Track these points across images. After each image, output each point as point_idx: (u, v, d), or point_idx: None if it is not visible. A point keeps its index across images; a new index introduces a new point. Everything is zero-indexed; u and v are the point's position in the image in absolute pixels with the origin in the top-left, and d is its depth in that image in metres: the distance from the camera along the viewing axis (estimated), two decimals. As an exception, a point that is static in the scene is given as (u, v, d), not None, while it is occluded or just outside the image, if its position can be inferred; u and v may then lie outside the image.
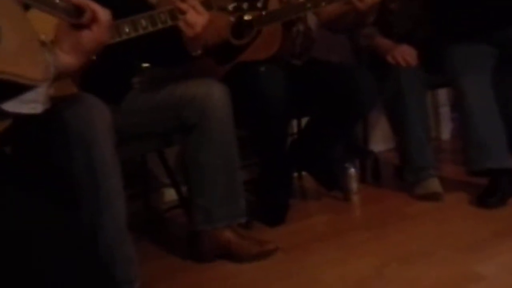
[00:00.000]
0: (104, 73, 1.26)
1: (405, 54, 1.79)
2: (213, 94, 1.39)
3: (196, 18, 1.27)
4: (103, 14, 0.93)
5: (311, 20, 1.90)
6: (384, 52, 1.85)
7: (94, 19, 0.93)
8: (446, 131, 2.67)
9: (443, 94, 2.61)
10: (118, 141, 1.14)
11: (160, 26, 1.26)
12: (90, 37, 0.93)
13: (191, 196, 1.47)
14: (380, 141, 2.44)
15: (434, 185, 1.76)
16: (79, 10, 0.92)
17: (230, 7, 1.34)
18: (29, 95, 0.80)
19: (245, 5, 1.34)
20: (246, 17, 1.38)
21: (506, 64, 1.76)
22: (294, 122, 2.06)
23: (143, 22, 1.24)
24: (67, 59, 0.93)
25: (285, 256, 1.43)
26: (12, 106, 0.79)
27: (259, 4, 1.34)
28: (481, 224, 1.51)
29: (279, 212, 1.73)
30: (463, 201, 1.70)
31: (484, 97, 1.68)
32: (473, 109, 1.67)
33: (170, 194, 1.98)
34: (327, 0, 1.52)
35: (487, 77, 1.70)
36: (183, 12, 1.27)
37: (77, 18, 0.92)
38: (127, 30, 1.22)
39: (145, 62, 1.60)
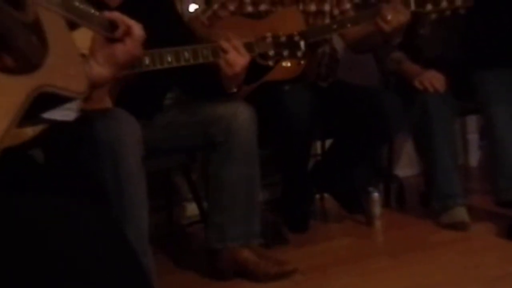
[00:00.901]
0: (139, 92, 1.32)
1: (433, 80, 1.77)
2: (240, 114, 1.41)
3: (237, 59, 1.33)
4: (137, 28, 0.97)
5: (337, 42, 1.91)
6: (412, 77, 1.83)
7: (127, 33, 0.97)
8: (474, 159, 2.60)
9: (472, 121, 2.55)
10: (145, 154, 1.18)
11: (201, 60, 1.32)
12: (123, 50, 0.97)
13: (209, 213, 1.48)
14: (406, 166, 2.40)
15: (461, 214, 1.71)
16: (113, 25, 0.96)
17: (271, 53, 1.38)
18: (65, 104, 0.84)
19: (285, 53, 1.38)
20: (284, 64, 1.42)
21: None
22: (318, 144, 2.06)
23: (186, 55, 1.30)
24: (101, 70, 0.97)
25: (303, 278, 1.41)
26: (47, 112, 0.83)
27: (299, 54, 1.38)
28: (508, 257, 1.45)
29: (302, 219, 1.73)
30: (491, 232, 1.64)
31: None
32: (504, 138, 1.64)
33: (193, 209, 1.99)
34: (352, 21, 1.53)
35: None
36: (225, 52, 1.33)
37: (111, 32, 0.96)
38: (169, 59, 1.28)
39: (180, 89, 1.64)
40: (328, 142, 1.91)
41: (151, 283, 0.76)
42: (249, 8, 1.78)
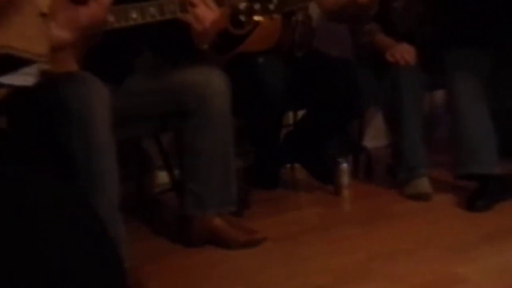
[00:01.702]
0: (107, 53, 1.27)
1: (404, 53, 1.80)
2: (213, 81, 1.39)
3: (206, 13, 1.27)
4: None
5: (312, 9, 1.89)
6: (384, 49, 1.85)
7: None
8: (441, 132, 2.68)
9: (441, 95, 2.62)
10: (115, 121, 1.15)
11: (168, 16, 1.26)
12: (87, 14, 0.92)
13: (184, 181, 1.47)
14: (375, 137, 2.44)
15: (424, 185, 1.78)
16: None
17: (242, 6, 1.33)
18: (24, 68, 0.80)
19: (257, 6, 1.33)
20: (257, 18, 1.37)
21: (502, 71, 1.78)
22: (290, 114, 2.07)
23: (152, 10, 1.24)
24: (61, 33, 0.92)
25: (273, 246, 1.45)
26: (5, 77, 0.79)
27: (271, 7, 1.33)
28: (467, 227, 1.53)
29: (272, 179, 1.79)
30: (452, 203, 1.72)
31: (476, 102, 1.69)
32: (465, 113, 1.69)
33: (163, 177, 1.98)
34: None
35: (482, 83, 1.71)
36: (193, 5, 1.27)
37: None
38: (134, 16, 1.22)
39: (149, 50, 1.59)
40: (300, 113, 1.92)
41: (117, 251, 0.76)
42: None
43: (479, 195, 1.67)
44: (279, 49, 1.66)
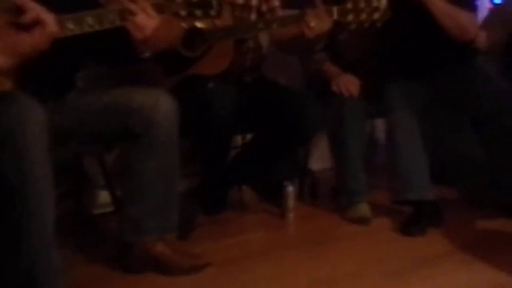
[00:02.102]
0: (44, 68, 1.20)
1: (349, 84, 1.89)
2: (161, 105, 1.36)
3: (146, 21, 1.24)
4: (51, 23, 0.89)
5: (262, 37, 1.93)
6: (331, 79, 1.93)
7: (37, 23, 0.88)
8: (381, 156, 2.81)
9: (382, 122, 2.75)
10: (55, 140, 1.10)
11: (107, 25, 1.22)
12: (30, 42, 0.88)
13: (123, 204, 1.44)
14: (320, 159, 2.52)
15: (364, 209, 1.86)
16: (21, 10, 0.87)
17: (183, 12, 1.33)
18: None
19: (198, 12, 1.33)
20: (199, 25, 1.37)
21: (435, 103, 1.91)
22: (239, 136, 2.09)
23: (89, 20, 1.19)
24: None
25: (217, 271, 1.44)
26: None
27: (212, 12, 1.33)
28: (403, 251, 1.61)
29: (218, 202, 1.78)
30: (390, 227, 1.80)
31: (411, 133, 1.81)
32: (400, 143, 1.80)
33: (105, 197, 1.92)
34: (278, 22, 1.56)
35: (417, 115, 1.83)
36: (133, 14, 1.24)
37: (16, 16, 0.87)
38: (71, 27, 1.17)
39: (90, 59, 1.54)
40: (249, 135, 1.94)
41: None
42: None
43: (413, 220, 1.77)
44: (229, 74, 1.68)
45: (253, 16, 1.78)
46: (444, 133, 2.00)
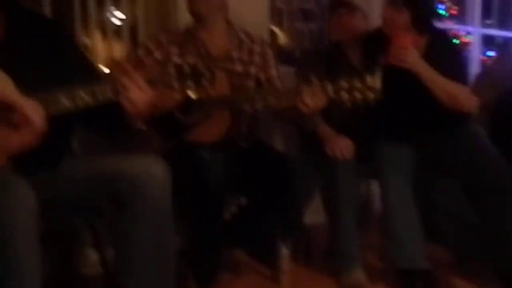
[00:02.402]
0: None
1: (343, 148, 1.90)
2: (154, 173, 1.34)
3: (139, 96, 1.26)
4: (37, 120, 0.90)
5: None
6: (325, 141, 1.95)
7: (26, 122, 0.89)
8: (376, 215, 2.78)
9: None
10: (46, 209, 1.08)
11: (100, 100, 1.23)
12: (18, 140, 0.89)
13: (116, 273, 1.41)
14: (317, 212, 2.49)
15: (359, 277, 1.83)
16: (10, 108, 0.89)
17: (175, 84, 1.35)
18: None
19: (190, 83, 1.35)
20: (192, 95, 1.38)
21: (426, 166, 1.92)
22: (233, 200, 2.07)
23: (84, 96, 1.21)
24: None
25: None
26: None
27: (204, 82, 1.35)
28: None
29: (209, 273, 1.73)
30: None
31: (403, 197, 1.81)
32: (392, 208, 1.80)
33: (95, 256, 1.89)
34: (274, 96, 1.59)
35: (408, 178, 1.84)
36: (126, 88, 1.26)
37: (5, 114, 0.88)
38: (65, 103, 1.18)
39: (83, 128, 1.56)
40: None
41: None
42: (176, 59, 1.76)
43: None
44: (225, 140, 1.70)
45: (251, 84, 1.81)
46: (434, 195, 2.00)
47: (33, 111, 0.89)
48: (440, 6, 3.18)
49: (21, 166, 1.15)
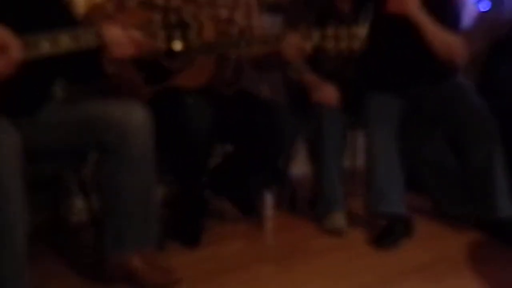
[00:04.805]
0: (16, 83, 1.19)
1: (328, 96, 1.89)
2: (135, 119, 1.36)
3: (123, 39, 1.26)
4: (15, 50, 0.88)
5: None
6: (311, 88, 1.94)
7: (2, 48, 0.87)
8: (361, 162, 2.82)
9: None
10: (29, 156, 1.08)
11: (83, 45, 1.22)
12: None
13: (103, 217, 1.44)
14: (302, 163, 2.52)
15: (339, 220, 1.88)
16: None
17: (161, 34, 1.33)
18: None
19: (176, 34, 1.33)
20: (178, 46, 1.36)
21: (411, 116, 1.94)
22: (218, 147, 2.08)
23: (66, 40, 1.19)
24: None
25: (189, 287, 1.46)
26: None
27: (191, 35, 1.33)
28: (374, 265, 1.63)
29: (194, 234, 1.76)
30: (364, 239, 1.83)
31: (387, 146, 1.83)
32: (376, 156, 1.82)
33: (81, 204, 1.91)
34: (260, 41, 1.56)
35: (393, 129, 1.86)
36: (108, 31, 1.24)
37: None
38: (46, 47, 1.16)
39: (59, 75, 1.52)
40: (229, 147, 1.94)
41: None
42: (159, 1, 1.70)
43: (386, 233, 1.79)
44: (209, 87, 1.68)
45: (235, 31, 1.77)
46: (417, 144, 2.03)
47: (10, 38, 0.86)
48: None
49: (1, 109, 1.14)
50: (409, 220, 1.84)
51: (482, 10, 2.67)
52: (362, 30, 1.50)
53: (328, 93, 1.91)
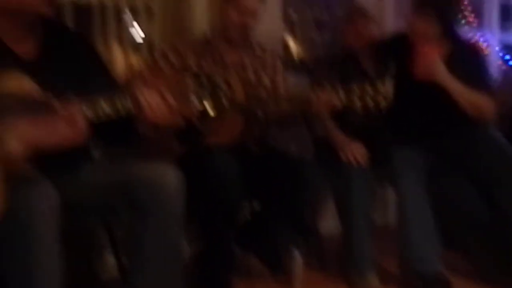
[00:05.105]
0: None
1: (356, 154, 1.91)
2: (169, 181, 1.37)
3: (160, 104, 1.30)
4: (80, 120, 0.95)
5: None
6: (338, 146, 1.96)
7: (70, 121, 0.95)
8: (392, 219, 2.75)
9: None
10: (65, 211, 1.13)
11: (120, 111, 1.27)
12: (60, 137, 0.95)
13: (129, 276, 1.44)
14: (331, 220, 2.48)
15: (371, 280, 1.83)
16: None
17: (192, 95, 1.38)
18: None
19: (207, 95, 1.38)
20: (209, 112, 1.42)
21: (441, 167, 1.92)
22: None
23: (104, 106, 1.24)
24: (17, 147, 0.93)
25: None
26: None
27: (221, 95, 1.38)
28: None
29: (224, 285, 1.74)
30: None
31: (419, 202, 1.81)
32: (408, 212, 1.80)
33: (113, 260, 1.93)
34: (287, 101, 1.62)
35: (422, 181, 1.84)
36: (146, 97, 1.29)
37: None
38: (86, 112, 1.21)
39: (98, 138, 1.60)
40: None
41: None
42: (194, 68, 1.80)
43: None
44: (237, 144, 1.73)
45: (263, 93, 1.84)
46: (449, 197, 1.99)
47: (78, 112, 0.95)
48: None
49: (43, 167, 1.22)
50: (447, 281, 1.77)
51: (509, 64, 2.69)
52: (387, 87, 1.52)
53: (356, 150, 1.92)
